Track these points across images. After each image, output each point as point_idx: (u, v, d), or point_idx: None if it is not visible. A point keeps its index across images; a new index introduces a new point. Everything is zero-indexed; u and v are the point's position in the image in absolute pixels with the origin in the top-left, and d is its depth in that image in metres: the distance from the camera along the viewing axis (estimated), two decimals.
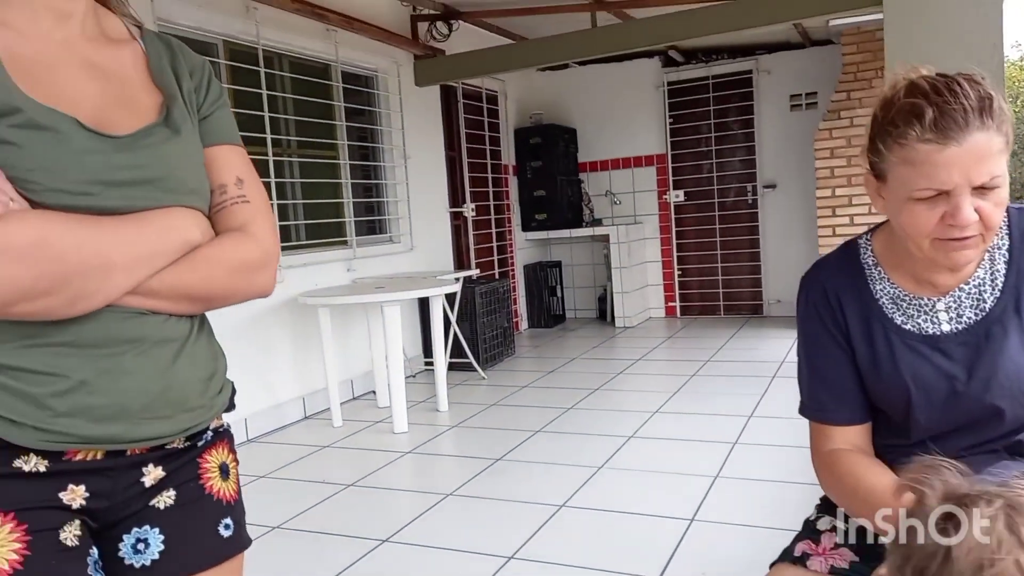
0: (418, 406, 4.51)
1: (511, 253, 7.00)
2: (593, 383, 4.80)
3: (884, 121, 1.07)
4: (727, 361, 5.24)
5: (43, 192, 0.82)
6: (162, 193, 0.90)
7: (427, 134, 5.77)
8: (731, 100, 6.98)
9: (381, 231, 5.46)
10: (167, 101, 0.96)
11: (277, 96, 4.48)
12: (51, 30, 0.89)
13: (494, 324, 5.58)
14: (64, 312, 0.82)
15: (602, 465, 3.30)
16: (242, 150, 1.04)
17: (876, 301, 1.21)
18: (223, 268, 0.94)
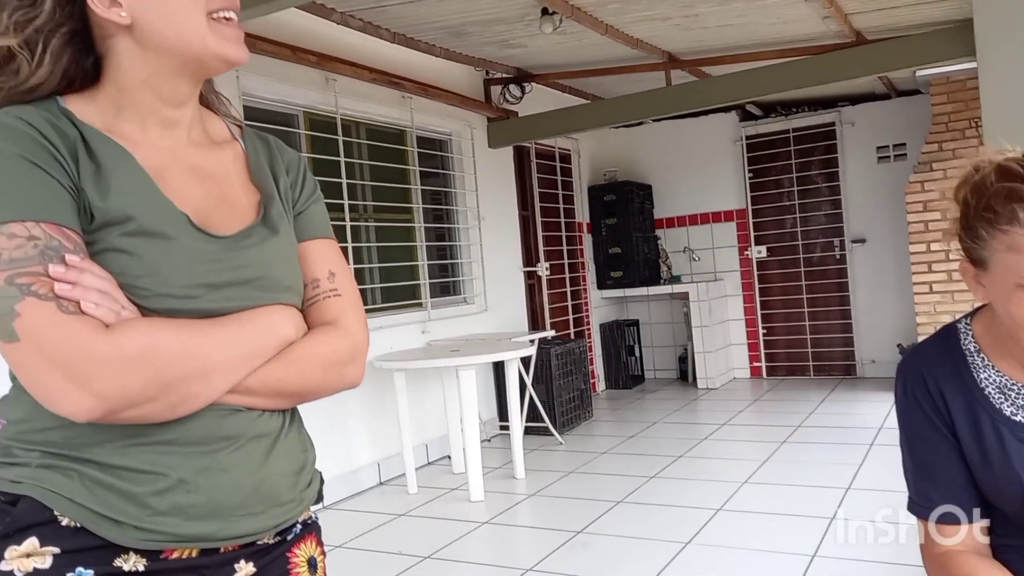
0: (494, 472, 4.39)
1: (587, 312, 6.89)
2: (676, 449, 4.59)
3: (979, 207, 1.03)
4: (820, 427, 4.95)
5: (151, 297, 0.85)
6: (260, 292, 0.93)
7: (500, 194, 5.78)
8: (814, 153, 6.78)
9: (455, 292, 5.44)
10: (264, 200, 0.99)
11: (354, 163, 4.56)
12: (159, 138, 0.94)
13: (571, 386, 5.44)
14: (167, 415, 0.84)
15: (689, 541, 3.10)
16: (334, 242, 1.07)
17: (982, 391, 1.14)
18: (316, 364, 0.96)
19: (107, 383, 0.79)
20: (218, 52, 0.91)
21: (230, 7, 0.92)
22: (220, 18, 0.91)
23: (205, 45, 0.91)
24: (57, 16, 0.88)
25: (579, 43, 4.84)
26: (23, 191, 0.81)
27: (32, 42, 0.87)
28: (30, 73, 0.88)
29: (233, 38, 0.93)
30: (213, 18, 0.91)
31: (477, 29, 4.51)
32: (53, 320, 0.79)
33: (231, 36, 0.92)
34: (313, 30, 4.08)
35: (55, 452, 0.85)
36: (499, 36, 4.68)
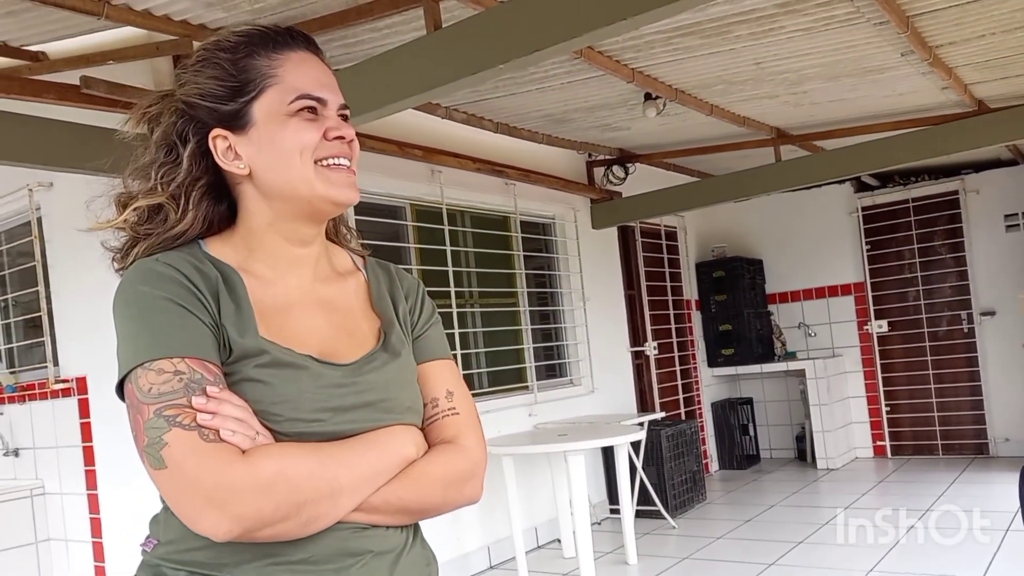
0: (605, 557, 4.30)
1: (697, 391, 6.73)
2: (797, 535, 4.37)
3: None
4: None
5: (283, 423, 0.93)
6: (382, 414, 1.00)
7: (605, 274, 5.83)
8: (936, 223, 6.48)
9: (561, 374, 5.47)
10: (385, 327, 1.07)
11: (460, 250, 4.73)
12: (287, 275, 1.03)
13: (683, 468, 5.30)
14: (297, 534, 0.91)
15: None
16: (452, 363, 1.14)
17: None
18: (437, 482, 1.01)
19: (244, 506, 0.86)
20: (326, 196, 1.01)
21: (340, 155, 1.02)
22: (330, 164, 1.01)
23: (314, 191, 1.00)
24: (194, 171, 1.01)
25: (683, 123, 4.87)
26: (171, 331, 0.92)
27: (176, 196, 1.01)
28: (177, 221, 1.00)
29: (341, 182, 1.02)
30: (324, 165, 1.01)
31: (579, 115, 4.62)
32: (195, 448, 0.87)
33: (339, 180, 1.02)
34: (419, 125, 4.29)
35: (201, 572, 0.93)
36: (602, 121, 4.78)
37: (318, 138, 0.99)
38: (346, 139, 1.01)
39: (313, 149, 0.99)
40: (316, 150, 0.99)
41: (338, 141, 1.01)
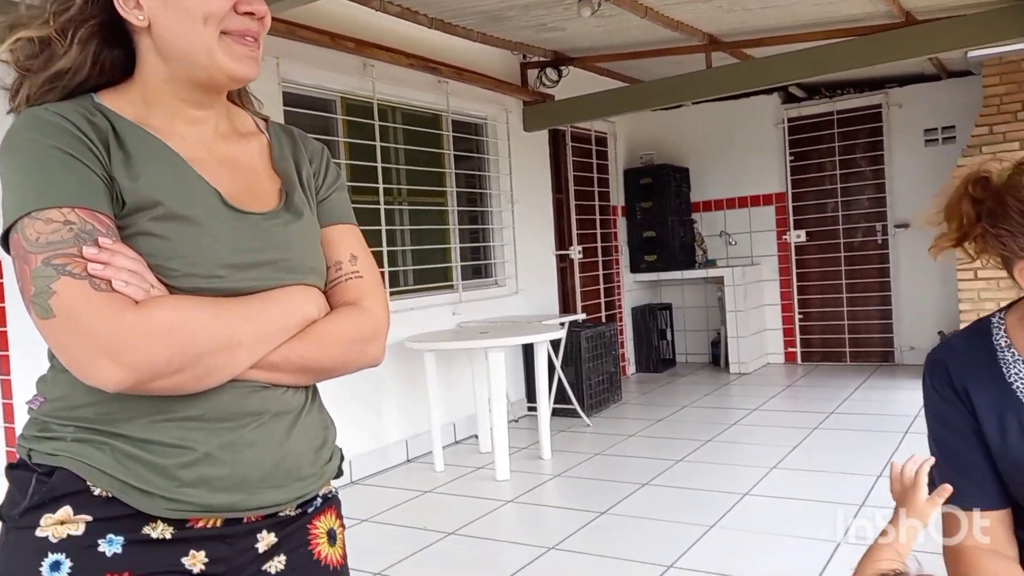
0: (521, 452, 4.43)
1: (619, 296, 6.86)
2: (705, 434, 4.58)
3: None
4: (854, 413, 4.89)
5: (180, 278, 0.91)
6: (284, 273, 0.98)
7: (535, 177, 5.78)
8: (858, 136, 6.62)
9: (487, 275, 5.47)
10: (287, 187, 1.04)
11: (390, 147, 4.60)
12: (186, 131, 0.99)
13: (600, 369, 5.44)
14: (193, 387, 0.89)
15: (714, 524, 3.10)
16: (356, 228, 1.13)
17: (1009, 385, 1.14)
18: (338, 342, 1.00)
19: (137, 354, 0.84)
20: (225, 68, 0.96)
21: (247, 32, 0.96)
22: (234, 37, 0.95)
23: (212, 60, 0.95)
24: (89, 9, 0.95)
25: (618, 26, 4.78)
26: (59, 180, 0.87)
27: (65, 30, 0.94)
28: (60, 56, 0.95)
29: (242, 55, 0.96)
30: (229, 35, 0.95)
31: (515, 13, 4.48)
32: (86, 297, 0.84)
33: (240, 54, 0.96)
34: (351, 17, 4.11)
35: (89, 427, 0.90)
36: (537, 20, 4.65)
37: (227, 8, 0.94)
38: (256, 15, 0.97)
39: (220, 19, 0.94)
40: (224, 21, 0.94)
41: (248, 16, 0.96)
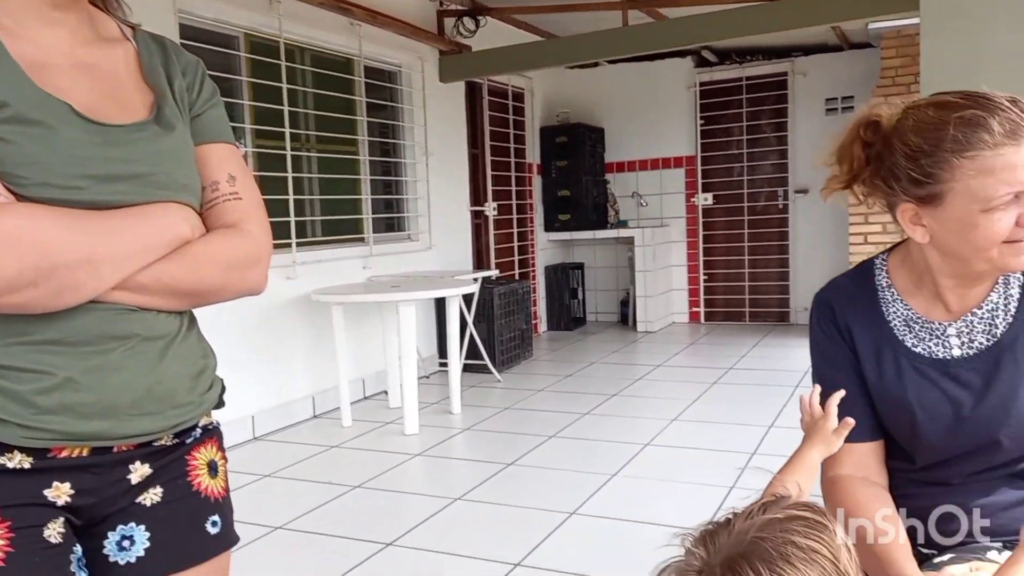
0: (430, 407, 4.43)
1: (532, 254, 6.91)
2: (611, 388, 4.69)
3: (935, 142, 1.04)
4: (750, 369, 5.10)
5: (31, 187, 0.82)
6: (152, 189, 0.90)
7: (450, 131, 5.70)
8: (765, 102, 6.82)
9: (399, 229, 5.40)
10: (157, 99, 0.96)
11: (297, 90, 4.43)
12: (40, 34, 0.90)
13: (512, 326, 5.48)
14: (50, 304, 0.82)
15: (616, 473, 3.19)
16: (235, 148, 1.04)
17: (888, 323, 1.20)
18: (216, 264, 0.94)
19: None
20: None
21: None
22: None
23: None
24: None
25: None
26: None
27: None
28: None
29: None
30: None
31: None
32: None
33: None
34: None
35: None
36: None
37: None
38: None
39: None
40: None
41: None
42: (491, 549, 2.52)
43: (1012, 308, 1.14)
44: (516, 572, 2.35)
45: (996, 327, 1.14)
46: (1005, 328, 1.13)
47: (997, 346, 1.13)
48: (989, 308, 1.15)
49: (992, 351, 1.13)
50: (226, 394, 1.07)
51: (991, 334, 1.14)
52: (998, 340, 1.13)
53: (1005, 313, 1.14)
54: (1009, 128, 1.01)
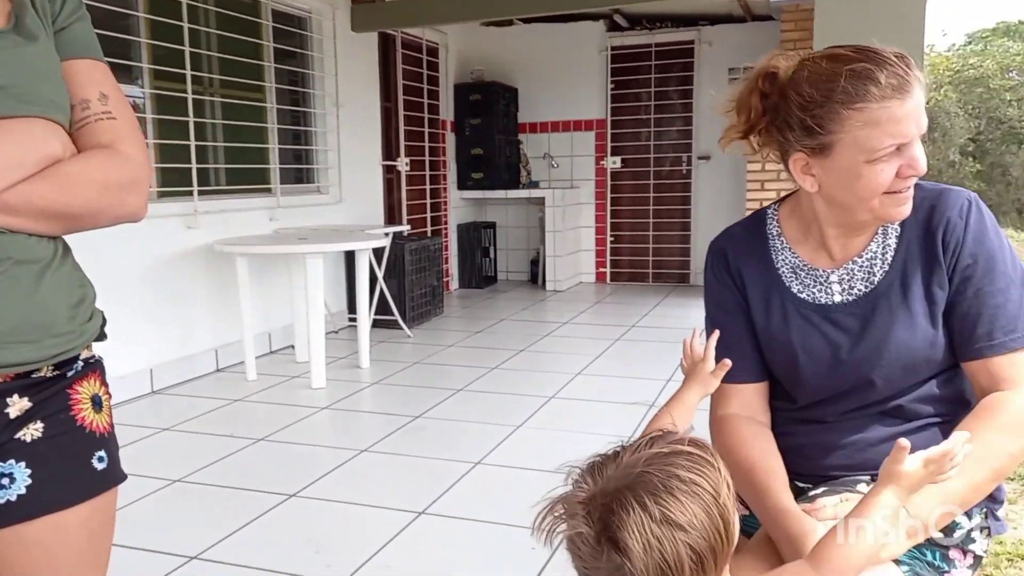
0: (339, 362, 4.41)
1: (445, 211, 6.89)
2: (519, 344, 4.78)
3: (825, 93, 1.07)
4: (651, 327, 5.29)
5: None
6: (16, 102, 0.83)
7: (362, 83, 5.59)
8: (672, 69, 6.96)
9: (308, 181, 5.29)
10: (15, 8, 0.88)
11: (200, 31, 4.24)
12: None
13: (423, 282, 5.48)
14: None
15: (521, 424, 3.28)
16: (105, 67, 0.97)
17: (777, 270, 1.26)
18: (91, 185, 0.88)
19: None
20: None
21: None
22: None
23: None
24: None
25: None
26: None
27: None
28: None
29: None
30: None
31: None
32: None
33: None
34: None
35: None
36: None
37: None
38: None
39: None
40: None
41: None
42: (396, 498, 2.56)
43: (889, 257, 1.19)
44: (420, 520, 2.40)
45: (874, 275, 1.19)
46: (882, 276, 1.19)
47: (874, 293, 1.19)
48: (868, 257, 1.20)
49: (869, 297, 1.19)
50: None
51: (869, 281, 1.20)
52: (875, 287, 1.19)
53: (882, 262, 1.19)
54: (896, 83, 1.04)
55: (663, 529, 0.74)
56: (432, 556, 2.20)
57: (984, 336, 1.12)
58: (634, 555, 0.74)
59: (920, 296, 1.16)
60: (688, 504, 0.74)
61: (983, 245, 1.14)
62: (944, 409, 1.20)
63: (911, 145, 1.07)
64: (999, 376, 1.12)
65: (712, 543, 0.75)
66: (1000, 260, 1.14)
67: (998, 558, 2.20)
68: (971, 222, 1.15)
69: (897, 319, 1.16)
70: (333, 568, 2.11)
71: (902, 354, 1.16)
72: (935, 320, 1.16)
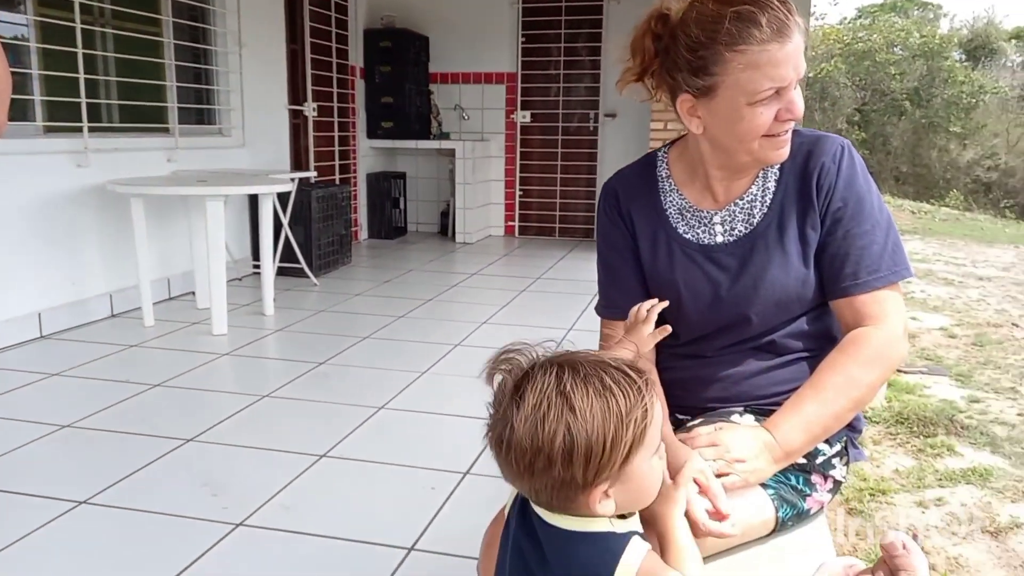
0: (242, 309, 4.33)
1: (354, 160, 6.77)
2: (427, 294, 4.80)
3: (710, 35, 1.09)
4: (556, 279, 5.41)
5: None
6: None
7: (267, 22, 5.38)
8: (582, 25, 6.98)
9: (210, 122, 5.09)
10: None
11: None
12: None
13: (331, 231, 5.41)
14: None
15: (425, 371, 3.32)
16: None
17: (664, 211, 1.30)
18: None
19: None
20: None
21: None
22: None
23: None
24: None
25: None
26: None
27: None
28: None
29: None
30: None
31: None
32: None
33: None
34: None
35: None
36: None
37: None
38: None
39: None
40: None
41: None
42: (297, 442, 2.57)
43: (768, 199, 1.23)
44: (321, 462, 2.42)
45: (753, 216, 1.24)
46: (760, 217, 1.23)
47: (753, 233, 1.23)
48: (749, 199, 1.24)
49: (748, 238, 1.23)
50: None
51: (749, 223, 1.24)
52: (754, 228, 1.23)
53: (762, 204, 1.24)
54: (776, 26, 1.06)
55: (558, 400, 0.77)
56: (332, 496, 2.23)
57: (850, 276, 1.18)
58: (523, 410, 0.77)
59: (795, 237, 1.21)
60: (593, 400, 0.77)
61: (853, 189, 1.20)
62: (812, 344, 1.26)
63: (789, 89, 1.10)
64: (862, 313, 1.18)
65: (591, 443, 0.76)
66: (868, 204, 1.20)
67: (861, 493, 2.40)
68: (843, 167, 1.20)
69: (773, 259, 1.21)
70: (230, 510, 2.11)
71: (776, 292, 1.21)
72: (807, 260, 1.21)
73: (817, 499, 1.20)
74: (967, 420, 3.03)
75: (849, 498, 2.37)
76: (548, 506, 0.83)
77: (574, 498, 0.80)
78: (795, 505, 1.16)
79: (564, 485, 0.78)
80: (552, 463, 0.77)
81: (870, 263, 1.18)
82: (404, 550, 1.94)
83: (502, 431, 0.79)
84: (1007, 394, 3.41)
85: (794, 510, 1.16)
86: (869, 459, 2.67)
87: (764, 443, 1.11)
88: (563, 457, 0.76)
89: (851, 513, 2.27)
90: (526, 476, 0.79)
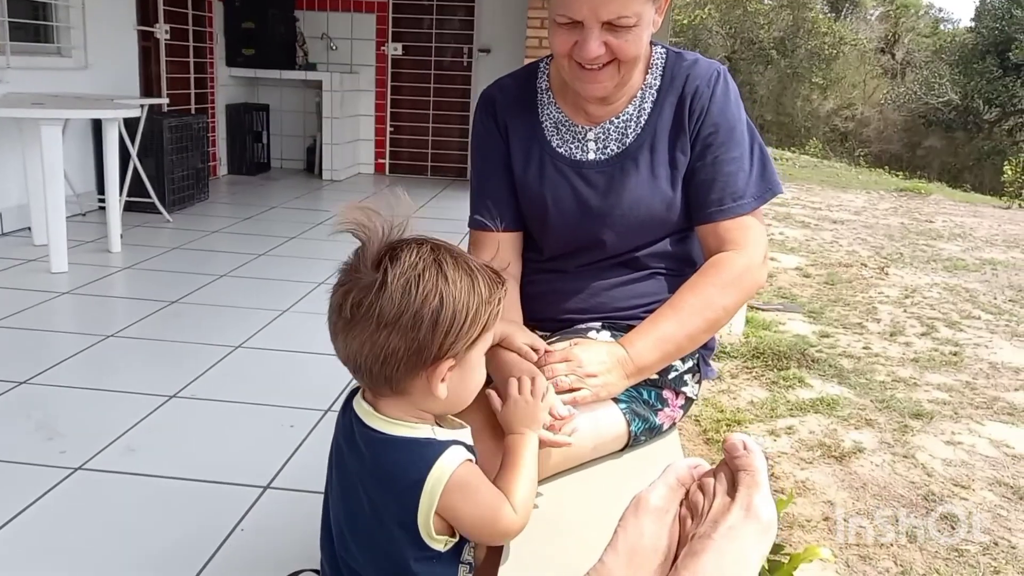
0: (85, 246, 4.04)
1: (212, 88, 6.37)
2: (290, 232, 4.65)
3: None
4: (427, 218, 5.36)
5: None
6: None
7: None
8: None
9: (47, 40, 4.63)
10: None
11: None
12: None
13: (185, 164, 5.09)
14: None
15: (286, 309, 3.24)
16: None
17: (540, 124, 1.29)
18: None
19: None
20: None
21: None
22: None
23: None
24: None
25: None
26: None
27: None
28: None
29: None
30: None
31: None
32: None
33: None
34: None
35: None
36: None
37: None
38: None
39: None
40: None
41: None
42: (144, 383, 2.45)
43: (643, 120, 1.23)
44: (171, 403, 2.33)
45: (627, 136, 1.23)
46: (634, 138, 1.23)
47: (624, 153, 1.23)
48: (624, 119, 1.24)
49: (619, 157, 1.23)
50: None
51: (622, 142, 1.23)
52: (626, 148, 1.23)
53: (636, 125, 1.23)
54: None
55: (434, 268, 0.79)
56: (182, 437, 2.16)
57: (716, 202, 1.21)
58: (398, 267, 0.77)
59: (665, 160, 1.23)
60: (463, 275, 0.80)
61: (725, 115, 1.21)
62: (673, 265, 1.29)
63: (584, 29, 1.11)
64: (725, 238, 1.21)
65: (456, 312, 0.78)
66: (738, 131, 1.22)
67: (718, 424, 2.54)
68: (717, 92, 1.22)
69: (641, 180, 1.22)
70: (68, 455, 2.00)
71: (640, 212, 1.23)
72: (675, 184, 1.23)
73: (669, 414, 1.23)
74: (817, 354, 3.26)
75: (707, 428, 2.52)
76: (380, 392, 0.84)
77: (418, 372, 0.80)
78: (647, 420, 1.19)
79: (417, 352, 0.79)
80: (419, 323, 0.77)
81: (735, 190, 1.20)
82: (259, 488, 1.91)
83: (365, 287, 0.78)
84: (854, 329, 3.70)
85: (646, 424, 1.19)
86: (727, 391, 2.84)
87: (617, 359, 1.13)
88: (431, 318, 0.78)
89: (708, 443, 2.42)
90: (382, 334, 0.78)
